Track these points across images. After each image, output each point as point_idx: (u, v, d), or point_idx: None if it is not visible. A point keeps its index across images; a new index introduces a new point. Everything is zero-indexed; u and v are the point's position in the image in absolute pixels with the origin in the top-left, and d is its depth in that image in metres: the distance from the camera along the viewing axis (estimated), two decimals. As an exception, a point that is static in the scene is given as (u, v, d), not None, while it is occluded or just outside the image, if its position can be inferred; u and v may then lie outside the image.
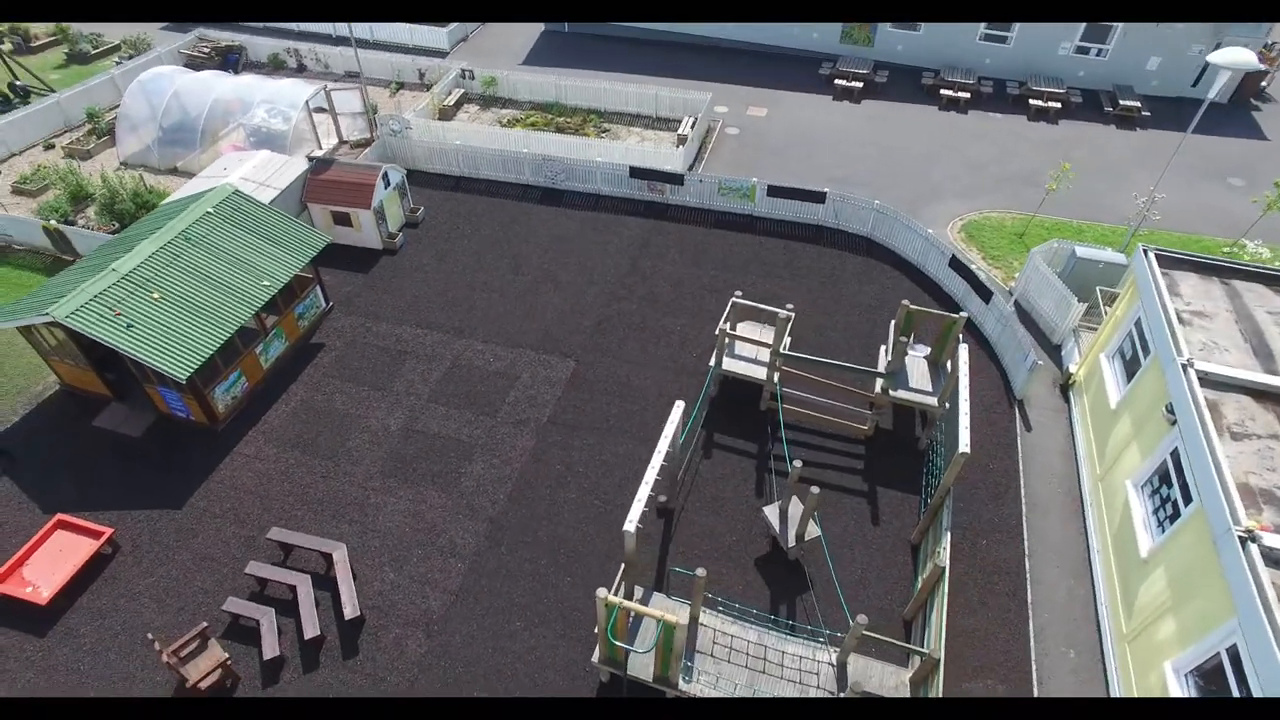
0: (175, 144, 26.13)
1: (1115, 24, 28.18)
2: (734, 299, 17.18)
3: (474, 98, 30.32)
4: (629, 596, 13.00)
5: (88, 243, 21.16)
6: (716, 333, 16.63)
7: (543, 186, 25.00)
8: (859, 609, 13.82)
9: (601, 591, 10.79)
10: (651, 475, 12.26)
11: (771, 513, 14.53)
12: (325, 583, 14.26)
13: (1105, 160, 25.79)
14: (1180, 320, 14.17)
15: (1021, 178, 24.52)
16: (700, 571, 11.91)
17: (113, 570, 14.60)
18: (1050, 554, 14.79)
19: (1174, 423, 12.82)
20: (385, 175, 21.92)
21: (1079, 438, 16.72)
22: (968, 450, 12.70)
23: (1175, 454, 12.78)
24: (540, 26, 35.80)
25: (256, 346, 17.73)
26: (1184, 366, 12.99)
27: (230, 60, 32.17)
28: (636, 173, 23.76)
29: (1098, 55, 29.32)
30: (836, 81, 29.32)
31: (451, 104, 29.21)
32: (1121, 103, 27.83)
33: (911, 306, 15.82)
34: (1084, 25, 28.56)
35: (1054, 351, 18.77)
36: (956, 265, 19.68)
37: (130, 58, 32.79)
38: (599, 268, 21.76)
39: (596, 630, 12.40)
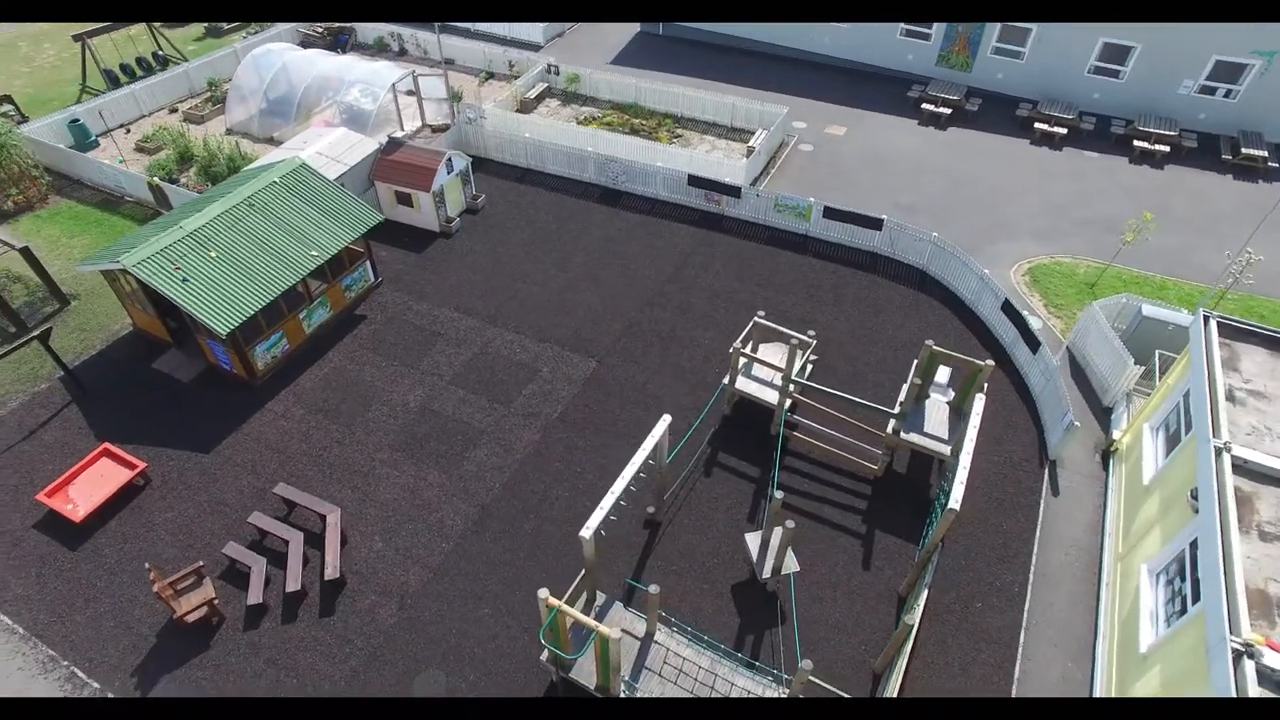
0: (275, 115, 28.09)
1: (1251, 61, 25.65)
2: (756, 319, 16.84)
3: (556, 93, 30.98)
4: (589, 603, 13.04)
5: (180, 200, 23.07)
6: (731, 351, 16.36)
7: (604, 186, 25.28)
8: (832, 654, 13.35)
9: (543, 592, 10.88)
10: (621, 485, 12.22)
11: (753, 540, 14.19)
12: (318, 542, 15.04)
13: (1209, 212, 23.55)
14: (1230, 398, 12.85)
15: (1106, 223, 22.74)
16: (653, 588, 11.82)
17: (140, 501, 15.95)
18: (1051, 630, 13.73)
19: (1198, 510, 11.65)
20: (449, 161, 22.77)
21: (1109, 510, 15.41)
22: (956, 508, 11.98)
23: (1195, 545, 11.61)
24: (636, 27, 36.13)
25: (300, 311, 18.86)
26: (1219, 449, 11.77)
27: (340, 41, 34.22)
28: (695, 181, 23.64)
29: (1226, 96, 26.76)
30: (924, 105, 28.10)
31: (533, 97, 29.96)
32: (1244, 151, 25.31)
33: (935, 347, 15.05)
34: (1213, 61, 26.15)
35: (1103, 415, 17.37)
36: (1009, 310, 18.51)
37: (255, 33, 35.48)
38: (641, 272, 21.82)
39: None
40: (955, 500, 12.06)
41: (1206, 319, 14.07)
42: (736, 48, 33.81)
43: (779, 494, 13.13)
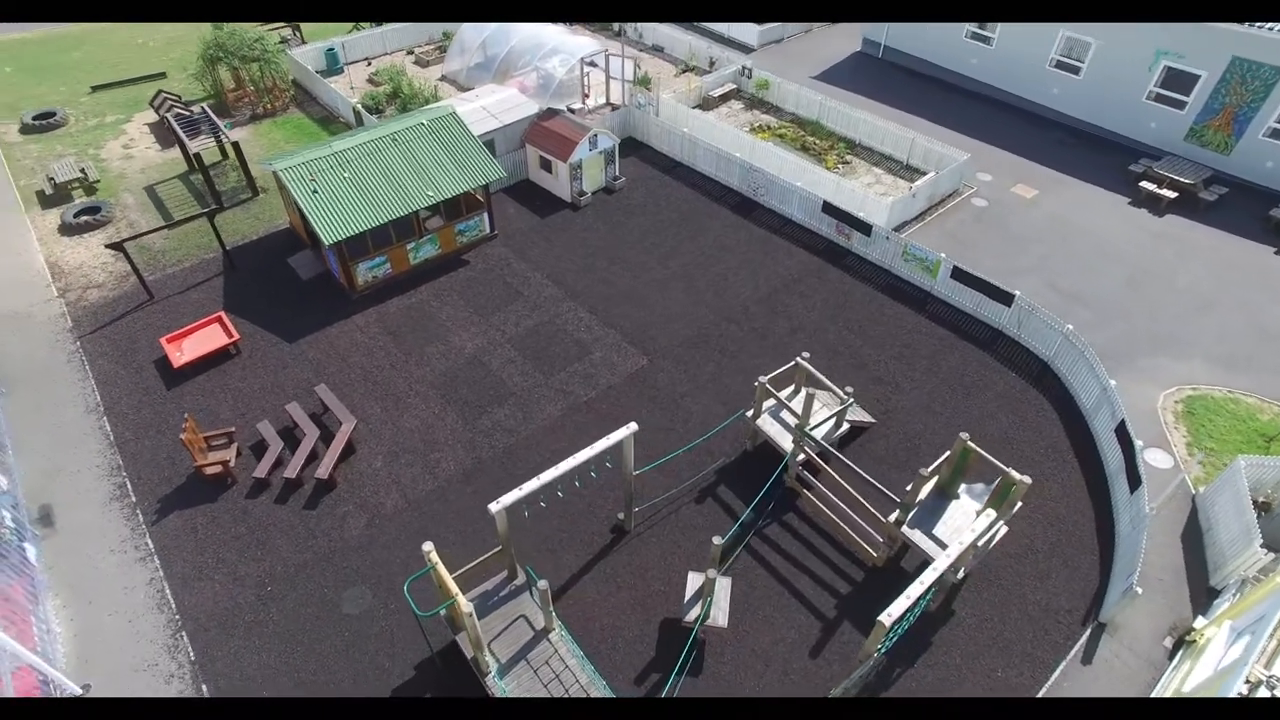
0: (482, 69, 30.71)
1: None
2: (798, 359, 15.55)
3: (744, 96, 30.51)
4: (508, 579, 13.06)
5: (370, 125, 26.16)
6: (755, 384, 15.27)
7: (742, 194, 24.59)
8: (729, 727, 12.14)
9: (428, 545, 11.10)
10: (551, 474, 12.03)
11: (694, 580, 13.27)
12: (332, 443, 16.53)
13: None
14: (1324, 622, 9.63)
15: (1330, 371, 17.81)
16: (543, 583, 11.56)
17: (225, 366, 18.57)
18: (998, 811, 11.30)
19: (1196, 739, 8.93)
20: (594, 138, 23.46)
21: (1145, 707, 12.25)
22: (885, 621, 10.32)
23: (1180, 780, 8.92)
24: (856, 45, 34.41)
25: (409, 243, 20.63)
26: (1260, 681, 8.92)
27: (568, 15, 36.40)
28: (828, 209, 22.17)
29: None
30: (1143, 183, 23.76)
31: (716, 96, 29.79)
32: None
33: (969, 443, 12.90)
34: None
35: (1204, 594, 13.80)
36: (1122, 434, 15.28)
37: (504, -3, 38.88)
38: (736, 285, 21.01)
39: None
40: (888, 613, 10.39)
41: (1342, 514, 10.61)
42: (954, 85, 30.96)
43: (717, 539, 12.14)
